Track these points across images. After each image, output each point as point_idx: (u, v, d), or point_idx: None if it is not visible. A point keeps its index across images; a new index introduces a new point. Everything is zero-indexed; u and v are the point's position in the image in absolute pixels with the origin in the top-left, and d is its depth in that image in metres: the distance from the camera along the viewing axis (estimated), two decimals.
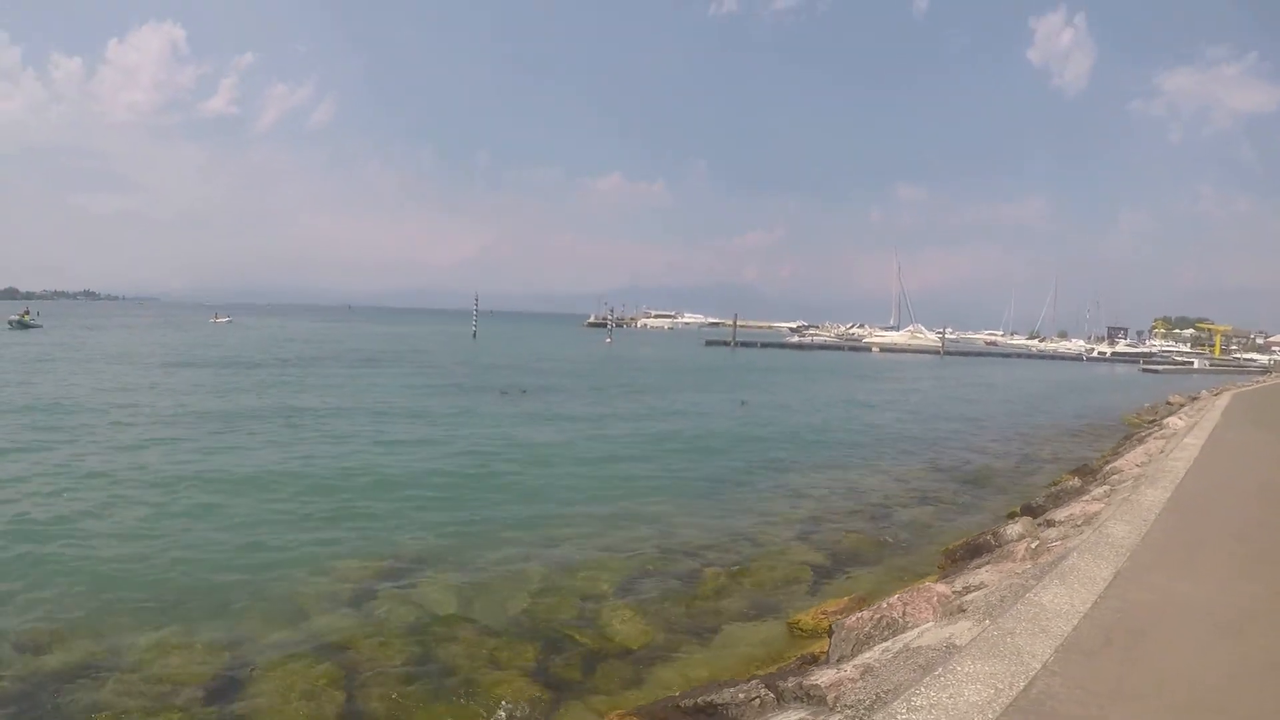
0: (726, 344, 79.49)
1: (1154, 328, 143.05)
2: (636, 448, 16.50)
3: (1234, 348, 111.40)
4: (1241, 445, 13.07)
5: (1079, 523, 7.23)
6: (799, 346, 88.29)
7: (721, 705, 4.22)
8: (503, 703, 5.45)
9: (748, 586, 7.94)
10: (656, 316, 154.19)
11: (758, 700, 4.14)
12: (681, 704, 4.53)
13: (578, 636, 6.63)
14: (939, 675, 3.58)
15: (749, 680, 4.67)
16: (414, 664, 6.10)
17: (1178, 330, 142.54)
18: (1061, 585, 4.94)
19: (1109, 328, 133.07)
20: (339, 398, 23.18)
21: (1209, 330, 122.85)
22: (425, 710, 5.45)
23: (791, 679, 4.33)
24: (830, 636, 5.38)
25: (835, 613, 6.29)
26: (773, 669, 5.08)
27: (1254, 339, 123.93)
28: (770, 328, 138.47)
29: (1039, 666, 3.74)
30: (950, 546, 8.70)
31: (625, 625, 6.85)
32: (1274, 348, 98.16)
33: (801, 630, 6.39)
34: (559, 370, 38.90)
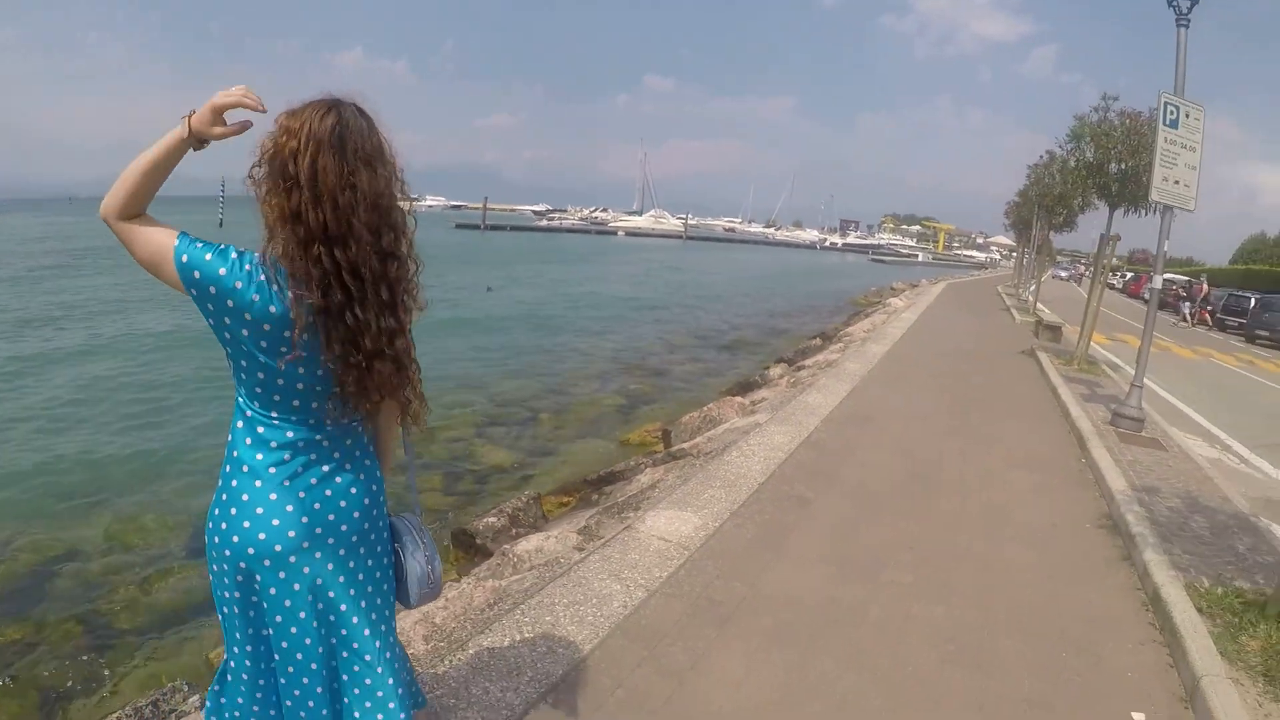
0: (477, 227, 78.81)
1: (883, 223, 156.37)
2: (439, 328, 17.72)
3: (955, 245, 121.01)
4: (946, 321, 17.27)
5: (823, 366, 10.09)
6: (547, 230, 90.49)
7: (618, 472, 6.28)
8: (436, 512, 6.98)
9: (575, 422, 9.92)
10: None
11: (643, 466, 6.23)
12: (587, 478, 6.53)
13: (465, 465, 8.31)
14: (757, 433, 5.92)
15: (630, 460, 6.77)
16: None
17: (905, 226, 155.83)
18: (818, 394, 7.60)
19: (841, 220, 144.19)
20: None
21: (934, 228, 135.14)
22: None
23: (657, 454, 6.51)
24: (668, 434, 7.66)
25: (653, 430, 8.55)
26: (632, 460, 7.18)
27: (974, 238, 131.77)
28: (514, 211, 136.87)
29: (812, 429, 6.25)
30: (727, 387, 11.35)
31: (494, 455, 8.61)
32: (992, 247, 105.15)
33: (631, 443, 8.53)
34: None
